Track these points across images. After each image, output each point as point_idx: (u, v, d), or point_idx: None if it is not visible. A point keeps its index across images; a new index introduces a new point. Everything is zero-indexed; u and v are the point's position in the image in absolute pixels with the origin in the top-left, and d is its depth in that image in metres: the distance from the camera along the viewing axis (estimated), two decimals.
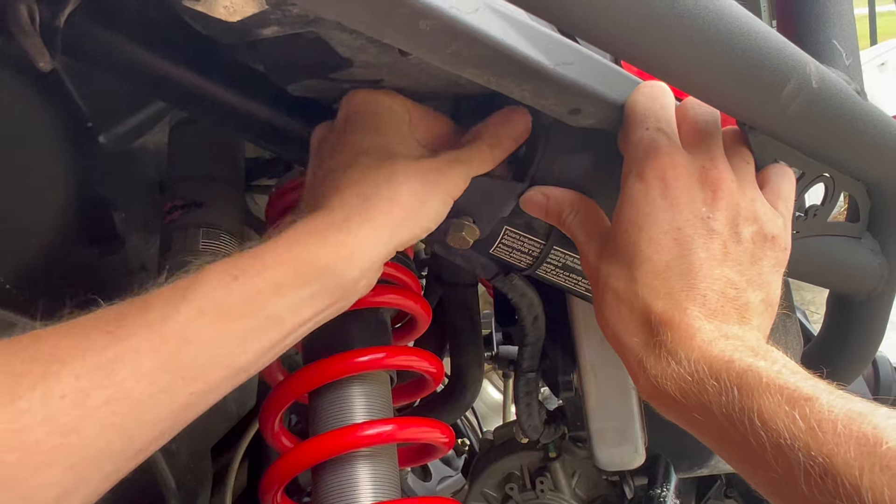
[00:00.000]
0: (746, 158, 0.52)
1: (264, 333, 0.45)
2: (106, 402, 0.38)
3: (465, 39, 0.39)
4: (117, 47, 0.55)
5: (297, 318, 0.47)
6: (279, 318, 0.46)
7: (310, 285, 0.46)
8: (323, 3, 0.36)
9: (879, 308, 0.77)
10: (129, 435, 0.40)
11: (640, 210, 0.47)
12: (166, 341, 0.41)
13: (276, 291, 0.45)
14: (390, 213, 0.49)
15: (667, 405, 0.44)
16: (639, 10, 0.38)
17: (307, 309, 0.47)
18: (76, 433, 0.37)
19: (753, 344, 0.42)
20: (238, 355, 0.44)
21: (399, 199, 0.49)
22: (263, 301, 0.45)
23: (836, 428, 0.34)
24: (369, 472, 0.61)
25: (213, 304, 0.43)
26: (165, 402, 0.41)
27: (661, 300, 0.45)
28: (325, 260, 0.47)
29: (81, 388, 0.38)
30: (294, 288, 0.46)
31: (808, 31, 0.62)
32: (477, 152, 0.54)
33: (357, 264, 0.48)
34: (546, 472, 1.02)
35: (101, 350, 0.39)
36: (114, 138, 0.72)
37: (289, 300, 0.46)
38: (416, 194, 0.50)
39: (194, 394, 0.42)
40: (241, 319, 0.44)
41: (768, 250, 0.49)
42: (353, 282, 0.49)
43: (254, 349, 0.45)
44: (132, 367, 0.40)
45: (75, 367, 0.38)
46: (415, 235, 0.51)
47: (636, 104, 0.50)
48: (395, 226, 0.49)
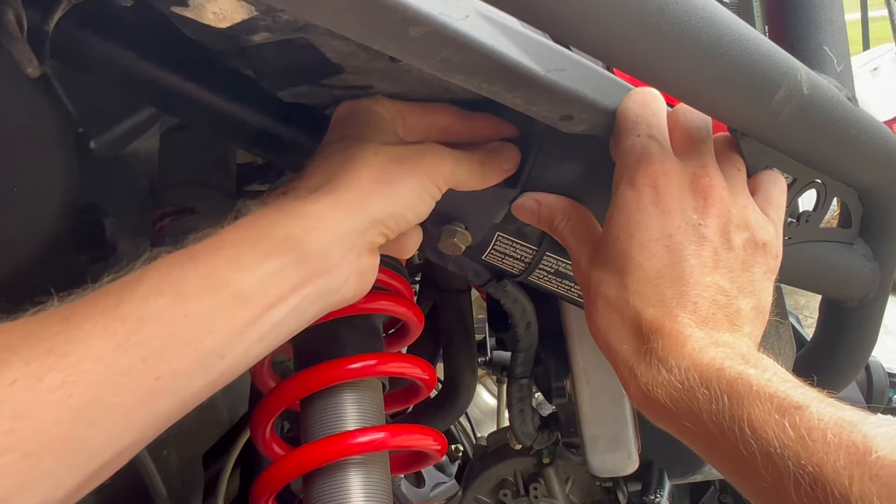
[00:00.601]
0: (738, 165, 0.52)
1: (230, 312, 0.43)
2: (60, 384, 0.37)
3: (455, 46, 0.39)
4: (108, 53, 0.55)
5: (265, 296, 0.44)
6: (244, 296, 0.43)
7: (272, 258, 0.44)
8: (312, 10, 0.35)
9: (872, 314, 0.77)
10: (91, 421, 0.38)
11: (631, 217, 0.47)
12: (123, 322, 0.39)
13: (235, 267, 0.43)
14: (353, 187, 0.47)
15: (657, 413, 0.44)
16: (629, 18, 0.38)
17: (275, 286, 0.44)
18: (28, 417, 0.36)
19: (744, 351, 0.42)
20: (203, 336, 0.42)
21: (362, 173, 0.48)
22: (223, 277, 0.43)
23: (826, 437, 0.34)
24: (361, 479, 0.61)
25: (168, 285, 0.41)
26: (128, 385, 0.39)
27: (652, 307, 0.45)
28: (285, 230, 0.45)
29: (32, 373, 0.36)
30: (254, 262, 0.44)
31: (799, 37, 0.62)
32: (466, 158, 0.53)
33: (321, 234, 0.46)
34: (540, 478, 1.02)
35: (54, 336, 0.38)
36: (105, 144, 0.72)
37: (251, 276, 0.43)
38: (384, 170, 0.48)
39: (161, 378, 0.40)
40: (201, 297, 0.42)
41: (759, 257, 0.49)
42: (320, 254, 0.46)
43: (221, 330, 0.42)
44: (87, 349, 0.38)
45: (25, 353, 0.37)
46: (392, 214, 0.49)
47: (628, 110, 0.50)
48: (360, 198, 0.47)
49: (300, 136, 0.59)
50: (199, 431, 0.94)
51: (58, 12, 0.47)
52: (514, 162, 0.56)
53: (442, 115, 0.56)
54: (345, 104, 0.54)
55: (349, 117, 0.53)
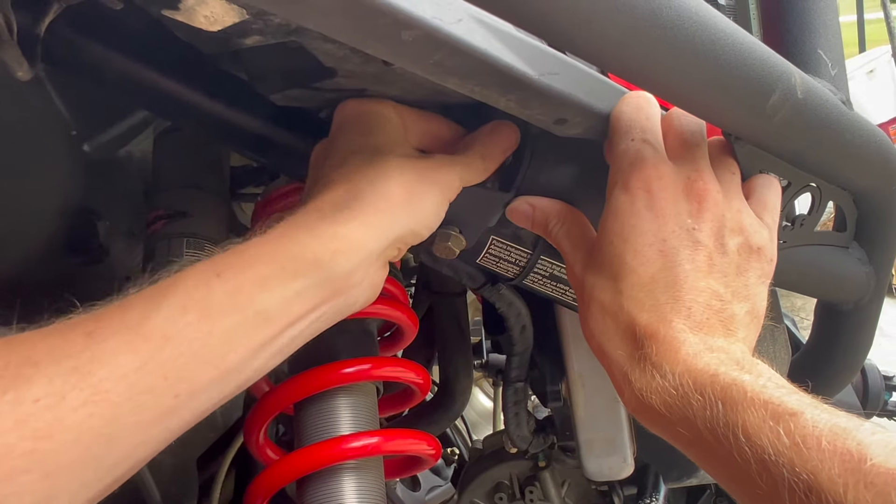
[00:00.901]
0: (732, 169, 0.52)
1: (253, 331, 0.43)
2: (83, 404, 0.37)
3: (447, 50, 0.38)
4: (100, 56, 0.54)
5: (287, 315, 0.45)
6: (267, 315, 0.44)
7: (298, 279, 0.45)
8: (304, 14, 0.35)
9: (867, 317, 0.77)
10: (110, 440, 0.38)
11: (625, 222, 0.47)
12: (147, 340, 0.39)
13: (262, 286, 0.43)
14: (382, 207, 0.48)
15: (652, 419, 0.43)
16: (623, 22, 0.38)
17: (298, 305, 0.45)
18: (50, 438, 0.36)
19: (738, 357, 0.42)
20: (225, 354, 0.42)
21: (391, 193, 0.48)
22: (249, 297, 0.43)
23: (821, 444, 0.34)
24: (355, 484, 0.61)
25: (195, 302, 0.41)
26: (148, 404, 0.39)
27: (646, 312, 0.45)
28: (313, 252, 0.45)
29: (56, 391, 0.36)
30: (281, 282, 0.44)
31: (793, 41, 0.62)
32: (471, 160, 0.54)
33: (348, 257, 0.46)
34: (535, 481, 1.02)
35: (78, 352, 0.37)
36: (98, 147, 0.72)
37: (276, 295, 0.44)
38: (409, 189, 0.49)
39: (179, 396, 0.40)
40: (227, 316, 0.42)
41: (754, 262, 0.48)
42: (344, 276, 0.46)
43: (243, 347, 0.43)
44: (111, 367, 0.38)
45: (49, 370, 0.36)
46: (412, 231, 0.50)
47: (621, 115, 0.50)
48: (387, 219, 0.48)
49: (293, 139, 0.59)
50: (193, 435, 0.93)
51: (49, 15, 0.46)
52: (513, 139, 0.56)
53: (435, 122, 0.56)
54: (350, 103, 0.54)
55: (361, 121, 0.53)
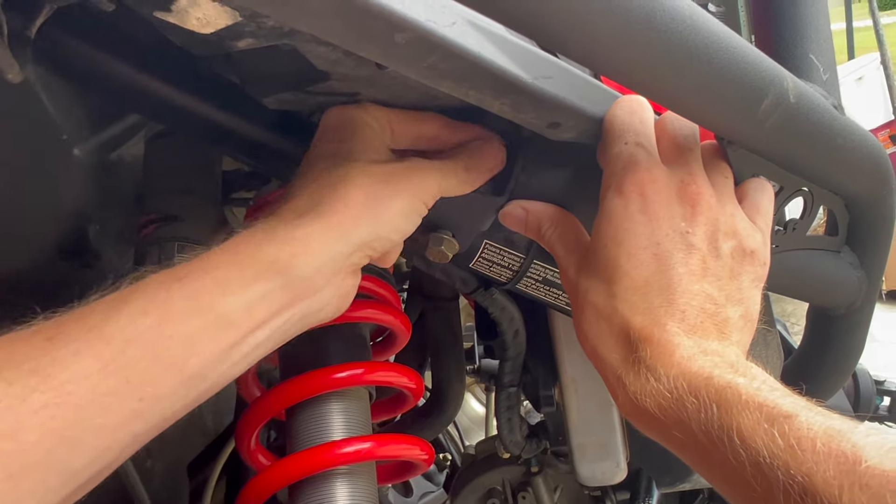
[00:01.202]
0: (725, 173, 0.52)
1: (215, 335, 0.43)
2: (44, 406, 0.36)
3: (441, 53, 0.38)
4: (91, 59, 0.54)
5: (250, 320, 0.44)
6: (230, 319, 0.43)
7: (258, 282, 0.44)
8: (296, 16, 0.35)
9: (859, 321, 0.77)
10: (73, 442, 0.38)
11: (618, 225, 0.47)
12: (108, 343, 0.39)
13: (222, 290, 0.43)
14: (342, 211, 0.47)
15: (646, 422, 0.43)
16: (616, 26, 0.38)
17: (260, 309, 0.45)
18: (12, 439, 0.35)
19: (733, 360, 0.42)
20: (187, 357, 0.42)
21: (351, 197, 0.48)
22: (209, 301, 0.43)
23: (816, 446, 0.34)
24: (347, 490, 0.60)
25: (155, 306, 0.41)
26: (112, 406, 0.39)
27: (641, 316, 0.45)
28: (272, 255, 0.45)
29: (16, 394, 0.36)
30: (241, 285, 0.44)
31: (785, 46, 0.62)
32: (453, 169, 0.53)
33: (308, 260, 0.46)
34: (528, 486, 1.02)
35: (38, 356, 0.37)
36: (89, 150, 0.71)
37: (238, 299, 0.44)
38: (371, 194, 0.48)
39: (144, 399, 0.40)
40: (187, 320, 0.42)
41: (747, 265, 0.49)
42: (305, 279, 0.46)
43: (206, 351, 0.43)
44: (73, 370, 0.38)
45: (8, 373, 0.36)
46: (378, 236, 0.49)
47: (615, 118, 0.50)
48: (348, 224, 0.47)
49: (286, 143, 0.58)
50: (183, 441, 0.93)
51: (40, 17, 0.46)
52: (499, 159, 0.56)
53: (430, 123, 0.55)
54: (333, 111, 0.53)
55: (339, 128, 0.52)
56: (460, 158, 0.54)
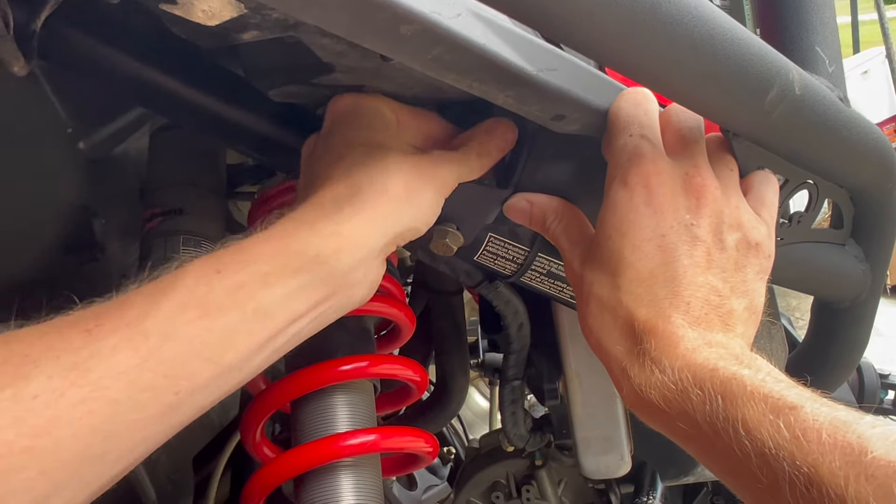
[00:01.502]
0: (730, 165, 0.52)
1: (253, 328, 0.43)
2: (81, 401, 0.36)
3: (446, 44, 0.38)
4: (96, 52, 0.54)
5: (288, 313, 0.44)
6: (268, 312, 0.43)
7: (298, 276, 0.44)
8: (302, 8, 0.35)
9: (863, 315, 0.77)
10: (109, 437, 0.38)
11: (623, 217, 0.47)
12: (147, 338, 0.39)
13: (262, 284, 0.43)
14: (383, 203, 0.48)
15: (651, 414, 0.43)
16: (621, 16, 0.38)
17: (298, 302, 0.45)
18: (48, 435, 0.35)
19: (737, 352, 0.42)
20: (225, 351, 0.42)
21: (392, 189, 0.48)
22: (249, 294, 0.43)
23: (821, 437, 0.34)
24: (352, 482, 0.60)
25: (195, 299, 0.41)
26: (148, 402, 0.39)
27: (645, 308, 0.45)
28: (315, 249, 0.45)
29: (54, 388, 0.36)
30: (282, 279, 0.44)
31: (791, 38, 0.62)
32: (465, 158, 0.53)
33: (349, 254, 0.46)
34: (532, 480, 1.02)
35: (77, 349, 0.37)
36: (94, 144, 0.71)
37: (277, 293, 0.44)
38: (409, 184, 0.49)
39: (179, 393, 0.40)
40: (227, 314, 0.42)
41: (752, 257, 0.48)
42: (345, 272, 0.46)
43: (243, 345, 0.43)
44: (109, 364, 0.37)
45: (48, 367, 0.36)
46: (411, 227, 0.50)
47: (620, 110, 0.50)
48: (388, 215, 0.48)
49: (291, 136, 0.58)
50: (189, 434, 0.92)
51: (45, 10, 0.46)
52: (509, 137, 0.55)
53: (430, 121, 0.56)
54: (343, 97, 0.53)
55: (357, 116, 0.52)
56: (471, 145, 0.54)
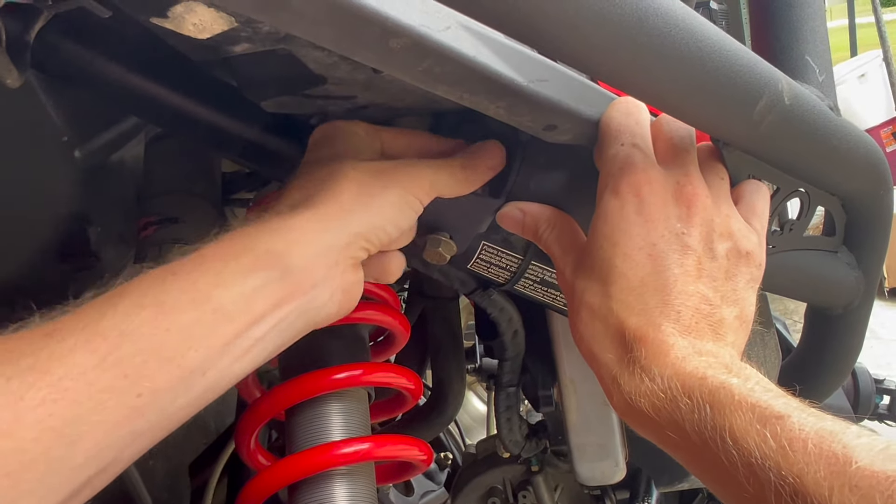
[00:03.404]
0: (721, 174, 0.52)
1: (213, 328, 0.43)
2: (41, 402, 0.36)
3: (436, 57, 0.39)
4: (90, 63, 0.54)
5: (247, 313, 0.44)
6: (226, 312, 0.43)
7: (253, 274, 0.44)
8: (292, 22, 0.35)
9: (856, 321, 0.77)
10: (72, 440, 0.37)
11: (614, 226, 0.47)
12: (104, 338, 0.39)
13: (217, 282, 0.43)
14: (333, 202, 0.48)
15: (640, 423, 0.44)
16: (608, 30, 0.38)
17: (257, 302, 0.44)
18: (10, 436, 0.35)
19: (727, 361, 0.42)
20: (185, 351, 0.41)
21: (341, 189, 0.48)
22: (205, 293, 0.43)
23: (807, 447, 0.34)
24: (346, 490, 0.61)
25: (150, 299, 0.41)
26: (110, 402, 0.39)
27: (636, 316, 0.45)
28: (265, 245, 0.45)
29: (13, 391, 0.36)
30: (236, 277, 0.44)
31: (781, 47, 0.62)
32: (448, 168, 0.53)
33: (303, 250, 0.46)
34: (529, 485, 1.02)
35: (36, 351, 0.37)
36: (89, 153, 0.71)
37: (234, 291, 0.43)
38: (362, 186, 0.49)
39: (143, 395, 0.40)
40: (183, 313, 0.42)
41: (743, 266, 0.49)
42: (302, 270, 0.46)
43: (203, 345, 0.42)
44: (69, 365, 0.37)
45: (6, 369, 0.36)
46: (373, 227, 0.49)
47: (611, 120, 0.50)
48: (341, 215, 0.48)
49: (284, 145, 0.59)
50: (185, 441, 0.93)
51: (38, 23, 0.46)
52: (498, 159, 0.56)
53: (419, 136, 0.56)
54: (322, 127, 0.55)
55: (327, 139, 0.53)
56: (456, 157, 0.55)
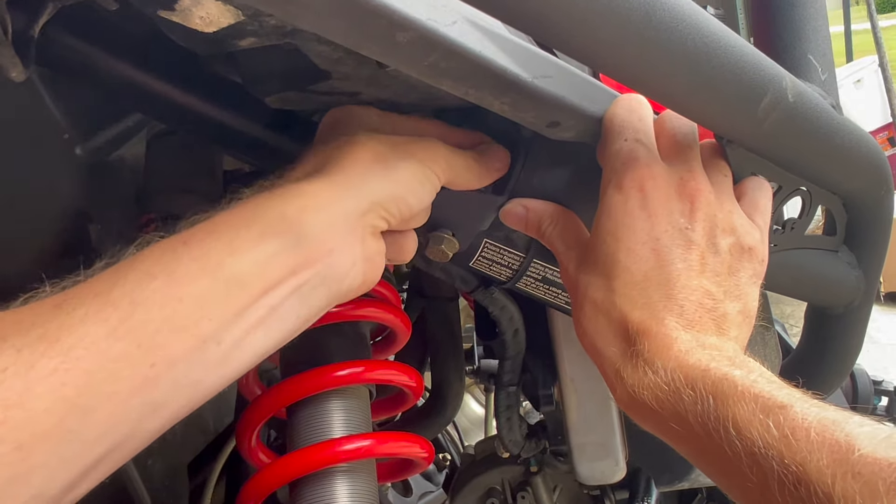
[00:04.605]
0: (724, 171, 0.52)
1: (226, 296, 0.41)
2: (53, 371, 0.35)
3: (442, 52, 0.39)
4: (94, 59, 0.54)
5: (262, 280, 0.43)
6: (240, 280, 0.42)
7: (266, 241, 0.43)
8: (299, 15, 0.35)
9: (857, 321, 0.78)
10: (84, 410, 0.36)
11: (618, 221, 0.48)
12: (116, 307, 0.38)
13: (230, 250, 0.42)
14: (350, 168, 0.47)
15: (644, 415, 0.44)
16: (615, 23, 0.38)
17: (271, 269, 0.43)
18: (20, 407, 0.34)
19: (730, 354, 0.43)
20: (198, 320, 0.40)
21: (358, 156, 0.47)
22: (217, 261, 0.41)
23: (810, 435, 0.35)
24: (347, 487, 0.60)
25: (161, 268, 0.40)
26: (123, 372, 0.38)
27: (639, 310, 0.45)
28: (279, 210, 0.44)
29: (24, 360, 0.35)
30: (249, 244, 0.43)
31: (784, 46, 0.63)
32: (461, 153, 0.53)
33: (318, 216, 0.45)
34: (527, 486, 1.02)
35: (45, 322, 0.36)
36: (91, 150, 0.71)
37: (247, 259, 0.42)
38: (380, 156, 0.48)
39: (156, 364, 0.39)
40: (195, 281, 0.41)
41: (745, 262, 0.49)
42: (316, 235, 0.44)
43: (217, 314, 0.41)
44: (80, 334, 0.37)
45: (16, 340, 0.35)
46: (392, 196, 0.48)
47: (615, 116, 0.50)
48: (357, 179, 0.46)
49: (287, 142, 0.59)
50: (184, 440, 0.93)
51: (43, 17, 0.46)
52: (504, 162, 0.56)
53: (429, 125, 0.56)
54: (333, 111, 0.54)
55: (338, 122, 0.53)
56: (471, 152, 0.55)
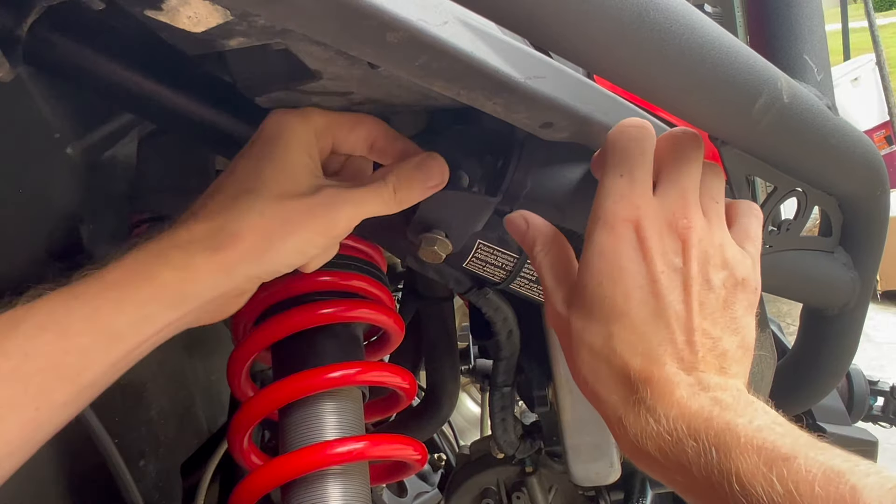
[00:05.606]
0: (716, 198, 0.50)
1: (107, 350, 0.46)
2: None
3: (433, 52, 0.38)
4: (82, 58, 0.54)
5: (138, 335, 0.48)
6: (120, 335, 0.47)
7: (149, 305, 0.47)
8: (288, 15, 0.35)
9: (852, 322, 0.77)
10: None
11: (613, 262, 0.46)
12: (8, 357, 0.42)
13: (116, 309, 0.46)
14: (231, 248, 0.49)
15: (648, 465, 0.43)
16: (608, 24, 0.38)
17: (147, 326, 0.48)
18: None
19: (734, 394, 0.42)
20: (81, 371, 0.45)
21: (243, 236, 0.49)
22: (104, 318, 0.46)
23: (814, 490, 0.34)
24: (340, 490, 0.60)
25: (53, 322, 0.44)
26: (10, 417, 0.42)
27: (640, 356, 0.44)
28: (162, 279, 0.48)
29: None
30: (134, 307, 0.47)
31: (780, 46, 0.62)
32: (376, 195, 0.52)
33: (197, 289, 0.49)
34: (523, 486, 1.01)
35: None
36: (81, 149, 0.71)
37: (130, 317, 0.47)
38: (265, 235, 0.49)
39: (40, 409, 0.43)
40: (82, 336, 0.45)
41: (739, 293, 0.48)
42: (192, 304, 0.49)
43: (98, 365, 0.46)
44: None
45: None
46: (265, 271, 0.51)
47: (616, 144, 0.48)
48: (236, 260, 0.49)
49: None
50: (177, 441, 0.92)
51: (31, 16, 0.46)
52: (440, 178, 0.55)
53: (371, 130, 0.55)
54: (273, 116, 0.53)
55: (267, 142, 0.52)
56: (390, 179, 0.53)
